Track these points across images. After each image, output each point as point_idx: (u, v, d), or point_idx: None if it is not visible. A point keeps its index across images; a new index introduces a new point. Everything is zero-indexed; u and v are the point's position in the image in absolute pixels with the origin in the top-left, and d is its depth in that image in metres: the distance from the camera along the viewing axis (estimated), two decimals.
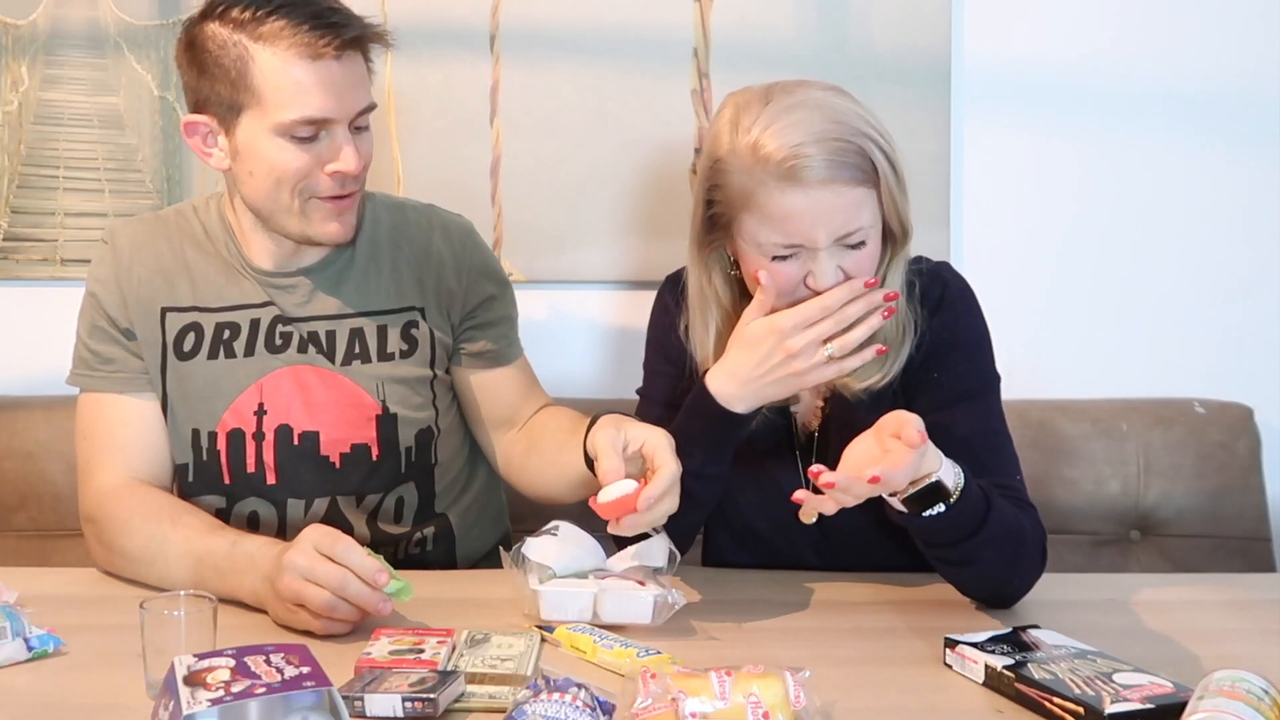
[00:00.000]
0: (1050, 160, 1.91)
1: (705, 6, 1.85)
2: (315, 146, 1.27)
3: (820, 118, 1.17)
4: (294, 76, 1.24)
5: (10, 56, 1.86)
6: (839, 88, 1.23)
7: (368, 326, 1.41)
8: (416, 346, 1.43)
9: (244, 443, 1.38)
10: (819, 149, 1.15)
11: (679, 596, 1.15)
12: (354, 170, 1.28)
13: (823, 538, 1.36)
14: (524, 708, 0.86)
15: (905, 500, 1.11)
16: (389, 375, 1.41)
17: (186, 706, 0.82)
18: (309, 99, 1.25)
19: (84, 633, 1.12)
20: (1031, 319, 1.39)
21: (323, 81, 1.24)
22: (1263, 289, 1.94)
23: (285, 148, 1.27)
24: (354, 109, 1.28)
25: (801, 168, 1.15)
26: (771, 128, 1.17)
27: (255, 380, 1.38)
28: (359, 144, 1.30)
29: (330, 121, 1.26)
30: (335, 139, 1.28)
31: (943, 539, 1.16)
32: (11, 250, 1.88)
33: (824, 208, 1.17)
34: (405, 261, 1.43)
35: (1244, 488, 1.81)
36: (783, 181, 1.16)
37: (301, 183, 1.29)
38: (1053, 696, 0.95)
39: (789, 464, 1.36)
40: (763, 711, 0.88)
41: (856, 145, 1.17)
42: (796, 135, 1.16)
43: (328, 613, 1.10)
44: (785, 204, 1.17)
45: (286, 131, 1.26)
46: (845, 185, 1.16)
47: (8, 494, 1.76)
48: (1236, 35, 1.89)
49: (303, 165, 1.27)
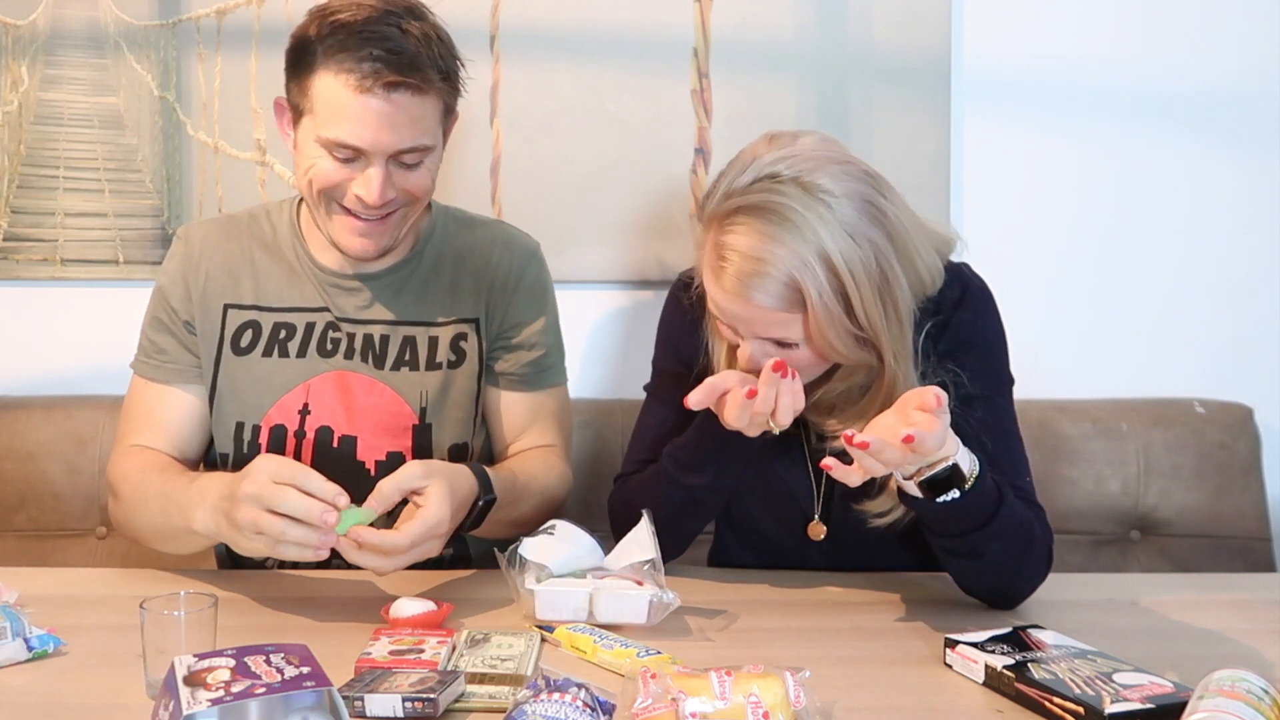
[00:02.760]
0: (1050, 160, 1.91)
1: (705, 6, 1.85)
2: (348, 167, 1.30)
3: (759, 230, 1.13)
4: (340, 101, 1.27)
5: (10, 56, 1.86)
6: (839, 177, 1.15)
7: (420, 335, 1.44)
8: (464, 359, 1.45)
9: (285, 439, 1.41)
10: (739, 262, 1.14)
11: (674, 596, 1.15)
12: (371, 201, 1.30)
13: (830, 539, 1.36)
14: (524, 708, 0.86)
15: (921, 484, 1.11)
16: (434, 385, 1.43)
17: (186, 706, 0.82)
18: (347, 126, 1.27)
19: (84, 633, 1.12)
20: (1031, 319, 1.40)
21: (363, 115, 1.26)
22: (1263, 289, 1.94)
23: (322, 157, 1.30)
24: (392, 147, 1.28)
25: (720, 270, 1.16)
26: (725, 199, 1.16)
27: (303, 381, 1.41)
28: (398, 177, 1.31)
29: (363, 151, 1.28)
30: (369, 165, 1.30)
31: (954, 528, 1.16)
32: (11, 250, 1.88)
33: (740, 312, 1.17)
34: (467, 274, 1.46)
35: (1244, 488, 1.81)
36: (709, 269, 1.18)
37: (329, 191, 1.32)
38: (1053, 696, 0.95)
39: (799, 464, 1.36)
40: (763, 711, 0.88)
41: (779, 272, 1.13)
42: (732, 239, 1.15)
43: (285, 539, 1.10)
44: (710, 288, 1.20)
45: (326, 145, 1.29)
46: (761, 305, 1.15)
47: (8, 494, 1.76)
48: (1236, 35, 1.89)
49: (333, 178, 1.31)
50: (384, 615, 1.13)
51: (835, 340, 1.17)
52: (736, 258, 1.14)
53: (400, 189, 1.32)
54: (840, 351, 1.18)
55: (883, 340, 1.18)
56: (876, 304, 1.16)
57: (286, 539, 1.10)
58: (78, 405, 1.80)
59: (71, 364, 1.90)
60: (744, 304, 1.16)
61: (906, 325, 1.20)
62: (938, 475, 1.10)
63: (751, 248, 1.13)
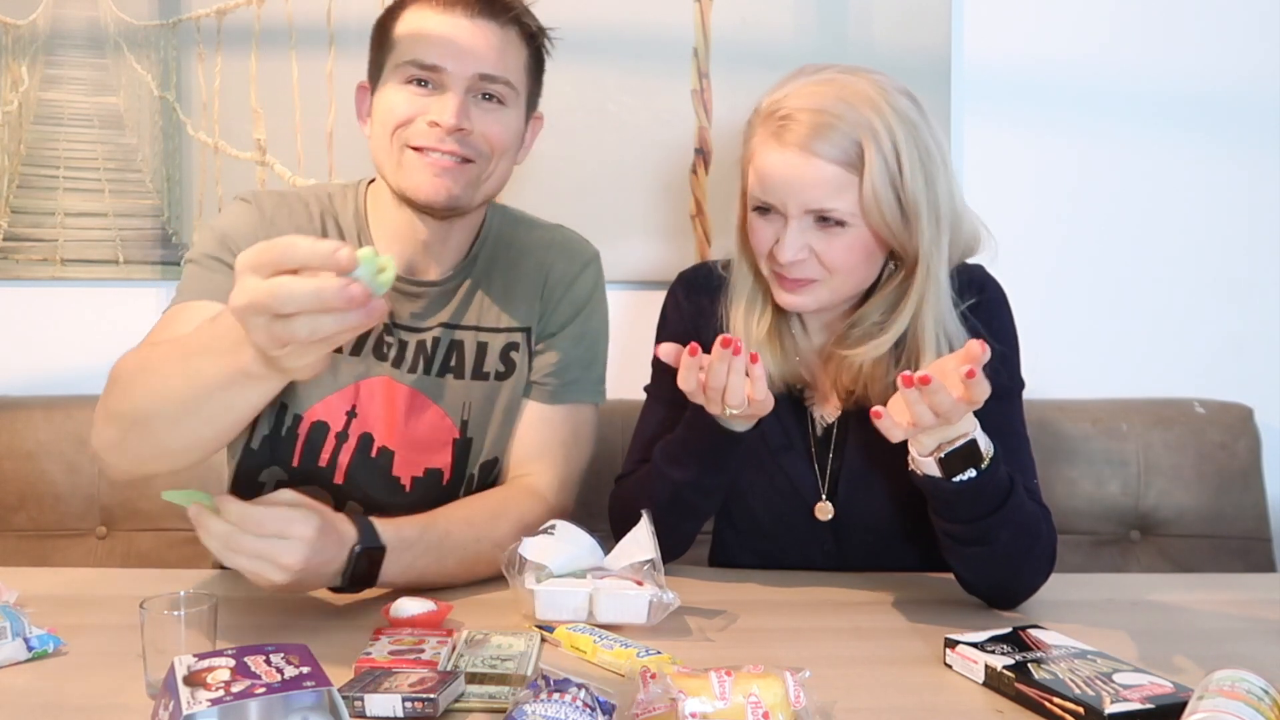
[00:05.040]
0: (1050, 159, 1.91)
1: (705, 6, 1.85)
2: (425, 98, 1.28)
3: (828, 92, 1.19)
4: (422, 21, 1.28)
5: (10, 56, 1.86)
6: (891, 84, 1.23)
7: (469, 340, 1.39)
8: (513, 370, 1.41)
9: (325, 437, 1.35)
10: (808, 116, 1.18)
11: (674, 597, 1.15)
12: (446, 123, 1.26)
13: (831, 537, 1.36)
14: (524, 708, 0.85)
15: (940, 461, 1.12)
16: (478, 396, 1.39)
17: (186, 706, 0.82)
18: (427, 45, 1.27)
19: (84, 633, 1.12)
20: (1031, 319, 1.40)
21: (445, 33, 1.27)
22: (1263, 289, 1.94)
23: (399, 91, 1.28)
24: (471, 68, 1.27)
25: (785, 128, 1.19)
26: (784, 91, 1.22)
27: (355, 381, 1.36)
28: (477, 117, 1.28)
29: (442, 72, 1.27)
30: (445, 93, 1.27)
31: (967, 511, 1.15)
32: (11, 250, 1.88)
33: (792, 174, 1.19)
34: (522, 279, 1.42)
35: (1244, 488, 1.81)
36: (766, 140, 1.21)
37: (402, 128, 1.28)
38: (1053, 696, 0.95)
39: (803, 460, 1.36)
40: (763, 711, 0.87)
41: (845, 129, 1.18)
42: (796, 101, 1.20)
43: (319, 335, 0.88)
44: (765, 160, 1.22)
45: (404, 75, 1.28)
46: (820, 159, 1.18)
47: (8, 494, 1.76)
48: (1236, 35, 1.89)
49: (408, 110, 1.28)
50: (384, 615, 1.13)
51: (886, 210, 1.20)
52: (804, 115, 1.19)
53: (479, 131, 1.28)
54: (887, 225, 1.21)
55: (923, 227, 1.21)
56: (923, 189, 1.20)
57: (321, 335, 0.88)
58: (78, 405, 1.80)
59: (71, 364, 1.90)
60: (806, 162, 1.18)
61: (943, 235, 1.23)
62: (956, 449, 1.10)
63: (819, 105, 1.19)
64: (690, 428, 1.26)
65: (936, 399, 1.04)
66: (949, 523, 1.19)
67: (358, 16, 1.84)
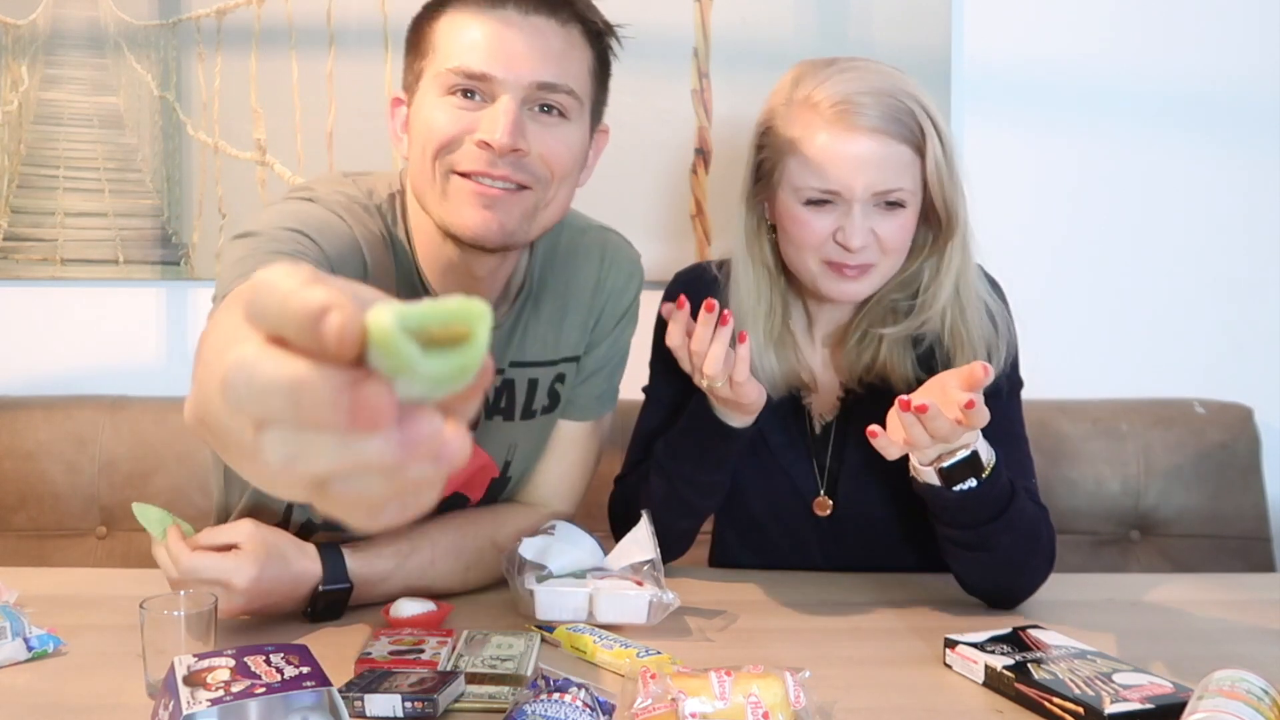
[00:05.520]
0: (1050, 159, 1.91)
1: (705, 6, 1.85)
2: (472, 113, 1.09)
3: (877, 78, 1.20)
4: (467, 24, 1.09)
5: (10, 56, 1.86)
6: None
7: (520, 380, 1.29)
8: (558, 403, 1.33)
9: None
10: (872, 99, 1.18)
11: (674, 597, 1.15)
12: (498, 141, 1.07)
13: (831, 537, 1.36)
14: (524, 708, 0.85)
15: (941, 472, 1.12)
16: (524, 435, 1.31)
17: (186, 706, 0.82)
18: (474, 51, 1.08)
19: (84, 633, 1.12)
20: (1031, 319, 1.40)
21: (494, 34, 1.08)
22: (1263, 289, 1.94)
23: (440, 105, 1.10)
24: (527, 75, 1.08)
25: (852, 112, 1.18)
26: (829, 81, 1.20)
27: None
28: (533, 133, 1.10)
29: (492, 81, 1.08)
30: (496, 105, 1.09)
31: (968, 518, 1.16)
32: (11, 250, 1.88)
33: (867, 156, 1.18)
34: (575, 303, 1.31)
35: (1244, 488, 1.81)
36: (832, 125, 1.18)
37: (446, 149, 1.10)
38: (1053, 696, 0.95)
39: (802, 458, 1.36)
40: (763, 711, 0.87)
41: (908, 106, 1.19)
42: (852, 86, 1.19)
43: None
44: (830, 147, 1.18)
45: (445, 85, 1.10)
46: (893, 139, 1.18)
47: (8, 494, 1.76)
48: (1235, 35, 1.89)
49: (451, 127, 1.09)
50: (384, 615, 1.13)
51: (946, 182, 1.21)
52: (869, 99, 1.18)
53: (536, 152, 1.10)
54: (944, 196, 1.22)
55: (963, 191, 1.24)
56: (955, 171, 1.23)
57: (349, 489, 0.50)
58: (78, 405, 1.80)
59: (71, 364, 1.90)
60: (882, 144, 1.18)
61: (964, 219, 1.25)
62: (958, 462, 1.11)
63: (881, 88, 1.19)
64: (690, 422, 1.26)
65: (935, 424, 1.05)
66: (949, 528, 1.19)
67: (358, 16, 1.84)
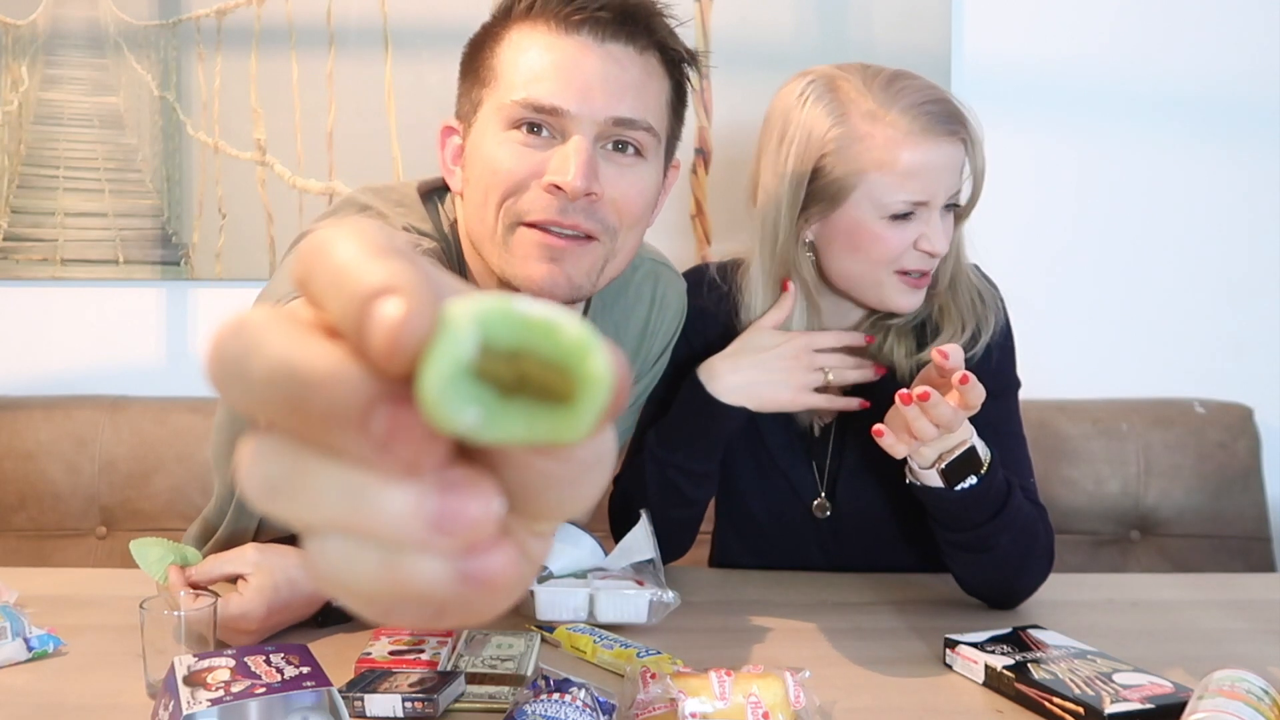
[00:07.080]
0: (1050, 160, 1.91)
1: (705, 6, 1.85)
2: (540, 151, 0.99)
3: (923, 83, 1.21)
4: (535, 51, 0.99)
5: (10, 56, 1.86)
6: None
7: None
8: None
9: None
10: (939, 106, 1.18)
11: (674, 596, 1.15)
12: (571, 185, 0.97)
13: (830, 537, 1.37)
14: (524, 708, 0.85)
15: (941, 471, 1.12)
16: None
17: (186, 706, 0.82)
18: (543, 81, 0.98)
19: (84, 633, 1.12)
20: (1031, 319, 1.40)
21: (566, 62, 0.98)
22: (1263, 289, 1.94)
23: (504, 143, 1.00)
24: (603, 110, 0.98)
25: (933, 121, 1.17)
26: (887, 92, 1.19)
27: None
28: (606, 174, 1.00)
29: (564, 116, 0.98)
30: (567, 144, 0.99)
31: (968, 519, 1.16)
32: (11, 250, 1.88)
33: (946, 161, 1.19)
34: (623, 346, 1.25)
35: (1244, 488, 1.81)
36: (917, 136, 1.17)
37: (511, 195, 1.00)
38: (1053, 696, 0.95)
39: (801, 460, 1.36)
40: (763, 711, 0.88)
41: (956, 106, 1.20)
42: (918, 96, 1.18)
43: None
44: (919, 158, 1.18)
45: (510, 119, 0.99)
46: (959, 141, 1.20)
47: (8, 494, 1.76)
48: (1236, 35, 1.89)
49: (518, 169, 0.99)
50: None
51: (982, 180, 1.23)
52: (937, 106, 1.18)
53: (608, 196, 1.00)
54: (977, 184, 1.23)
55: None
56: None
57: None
58: (78, 405, 1.80)
59: (71, 364, 1.90)
60: (955, 145, 1.19)
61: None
62: (958, 458, 1.11)
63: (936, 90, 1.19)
64: (682, 407, 1.26)
65: (938, 411, 1.05)
66: (950, 531, 1.19)
67: (358, 16, 1.84)
